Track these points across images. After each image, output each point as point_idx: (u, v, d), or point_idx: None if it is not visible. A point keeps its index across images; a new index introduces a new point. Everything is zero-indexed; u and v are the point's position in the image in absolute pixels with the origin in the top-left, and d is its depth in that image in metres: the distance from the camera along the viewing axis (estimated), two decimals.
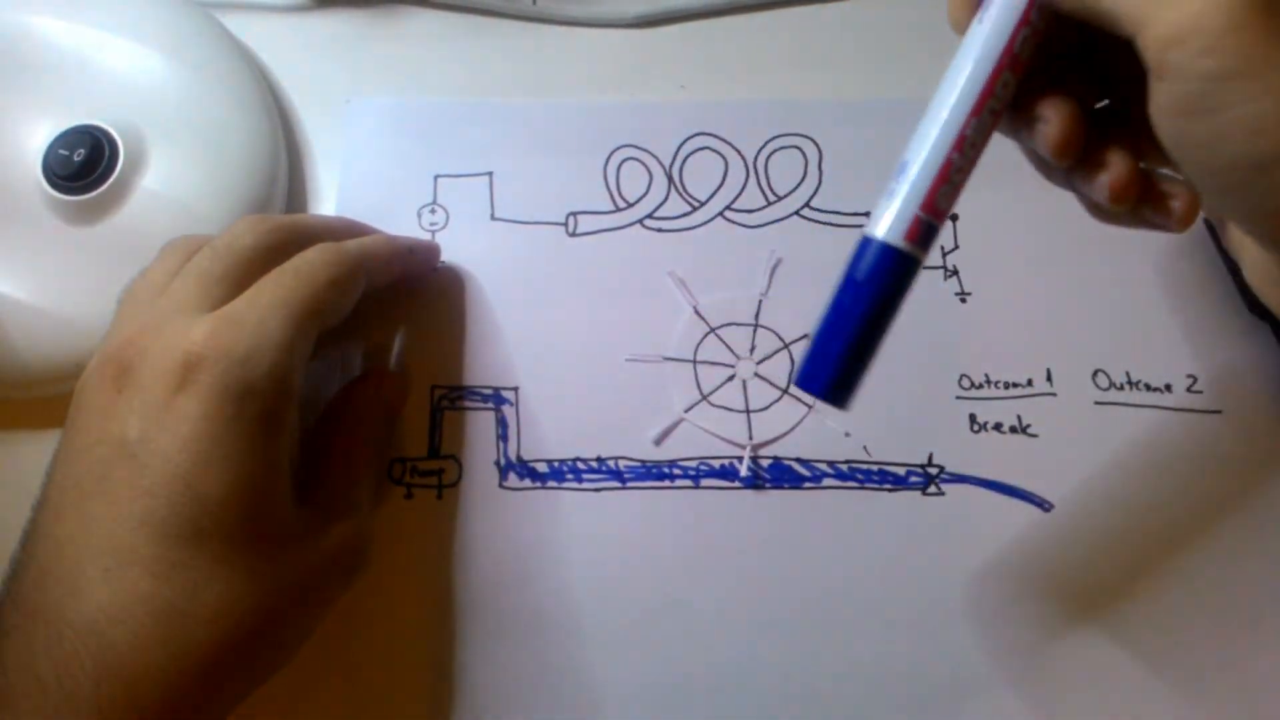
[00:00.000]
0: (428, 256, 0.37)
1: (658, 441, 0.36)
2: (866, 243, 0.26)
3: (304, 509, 0.29)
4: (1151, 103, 0.23)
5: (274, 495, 0.28)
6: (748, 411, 0.36)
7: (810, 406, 0.36)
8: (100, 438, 0.27)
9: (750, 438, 0.36)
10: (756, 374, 0.37)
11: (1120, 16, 0.22)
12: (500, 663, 0.34)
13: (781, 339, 0.37)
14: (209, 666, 0.26)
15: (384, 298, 0.36)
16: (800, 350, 0.37)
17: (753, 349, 0.37)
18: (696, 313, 0.38)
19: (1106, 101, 0.27)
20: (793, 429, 0.36)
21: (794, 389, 0.36)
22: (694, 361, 0.37)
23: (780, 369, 0.37)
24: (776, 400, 0.37)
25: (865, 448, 0.36)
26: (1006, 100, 0.26)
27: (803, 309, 0.37)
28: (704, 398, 0.37)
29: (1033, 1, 0.25)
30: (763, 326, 0.37)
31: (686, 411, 0.36)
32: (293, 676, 0.33)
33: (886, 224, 0.25)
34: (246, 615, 0.26)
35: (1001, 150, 0.27)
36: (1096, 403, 0.36)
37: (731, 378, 0.37)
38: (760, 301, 0.38)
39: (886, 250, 0.25)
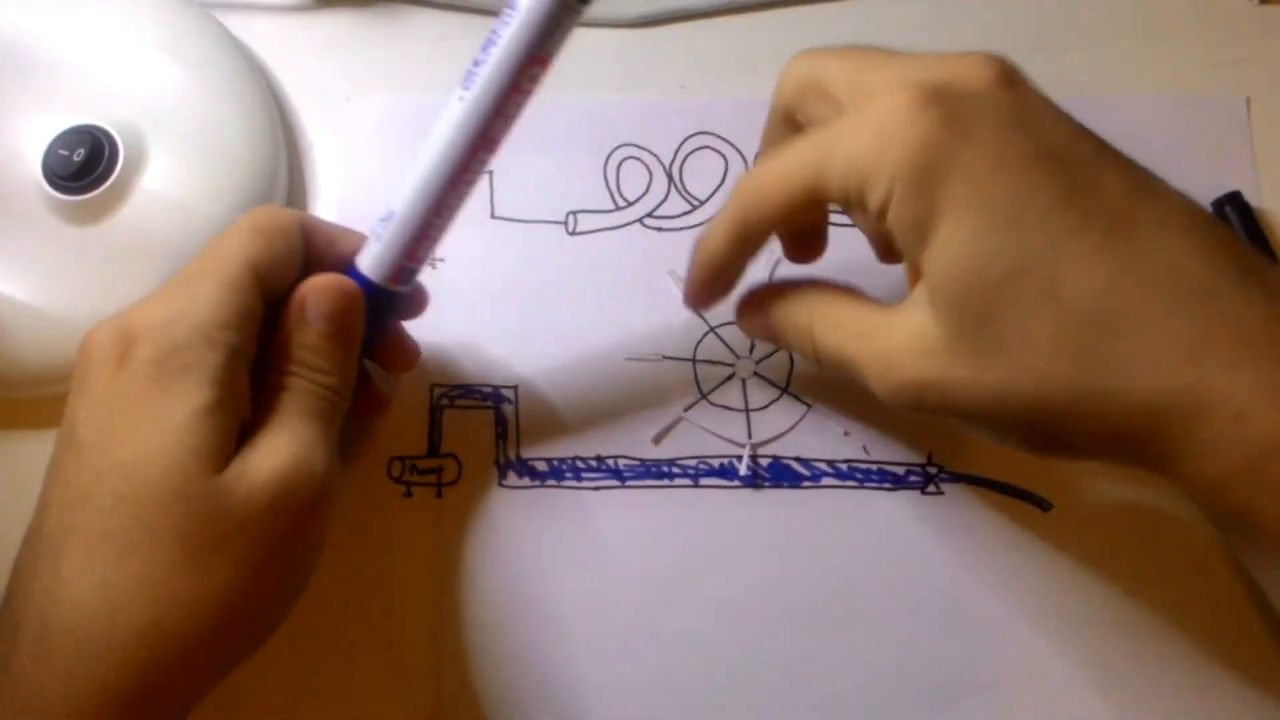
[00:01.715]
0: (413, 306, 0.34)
1: (657, 440, 0.36)
2: (354, 273, 0.30)
3: (240, 455, 0.27)
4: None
5: (203, 447, 0.26)
6: (747, 410, 0.36)
7: (809, 405, 0.36)
8: (61, 432, 0.28)
9: (750, 437, 0.36)
10: (756, 373, 0.37)
11: (848, 373, 0.28)
12: (499, 662, 0.34)
13: None
14: (173, 644, 0.25)
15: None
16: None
17: (752, 348, 0.37)
18: (696, 311, 0.37)
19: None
20: (792, 428, 0.36)
21: (793, 389, 0.36)
22: (693, 360, 0.37)
23: (780, 368, 0.37)
24: (776, 399, 0.36)
25: (865, 447, 0.36)
26: (479, 172, 0.29)
27: None
28: (703, 396, 0.37)
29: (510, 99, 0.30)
30: None
31: (686, 410, 0.36)
32: (292, 675, 0.33)
33: (371, 264, 0.30)
34: (190, 580, 0.26)
35: None
36: None
37: (731, 377, 0.37)
38: None
39: (375, 288, 0.30)
